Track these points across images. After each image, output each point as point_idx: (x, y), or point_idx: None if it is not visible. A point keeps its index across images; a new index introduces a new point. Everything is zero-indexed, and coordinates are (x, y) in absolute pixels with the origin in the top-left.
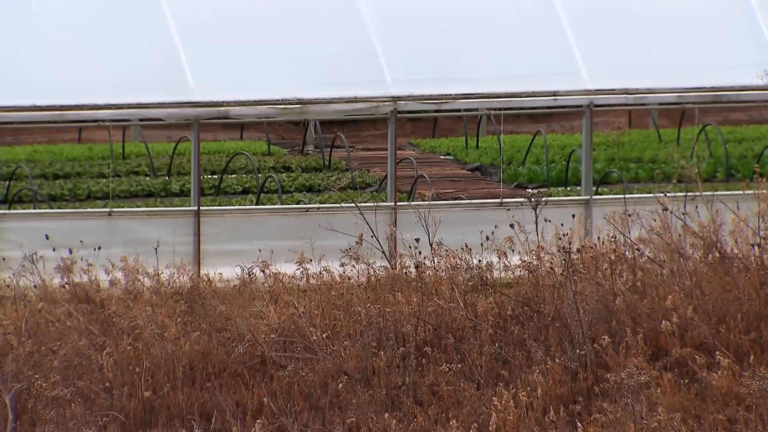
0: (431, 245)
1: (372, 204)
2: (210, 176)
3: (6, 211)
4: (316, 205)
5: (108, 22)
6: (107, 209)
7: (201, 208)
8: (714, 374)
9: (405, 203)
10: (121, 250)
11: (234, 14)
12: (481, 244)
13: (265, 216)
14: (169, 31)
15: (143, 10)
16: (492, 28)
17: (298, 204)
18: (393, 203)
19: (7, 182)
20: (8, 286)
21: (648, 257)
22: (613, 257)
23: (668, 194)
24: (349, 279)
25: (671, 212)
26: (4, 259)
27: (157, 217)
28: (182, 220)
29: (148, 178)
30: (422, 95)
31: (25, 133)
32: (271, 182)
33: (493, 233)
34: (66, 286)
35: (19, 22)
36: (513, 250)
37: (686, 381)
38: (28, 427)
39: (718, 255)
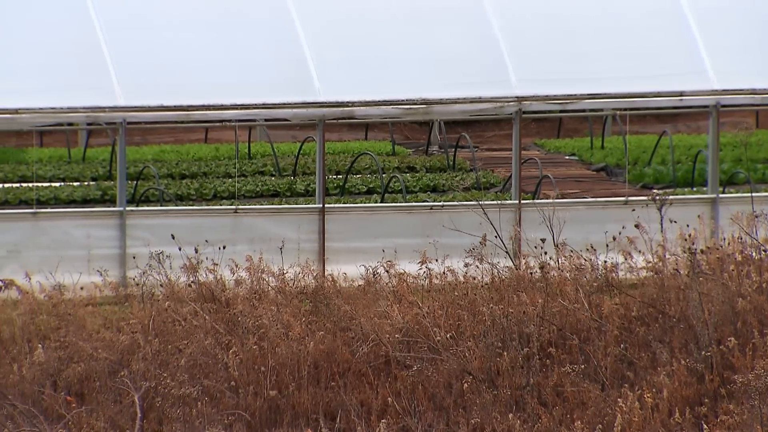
0: (555, 245)
1: (496, 202)
2: (335, 176)
3: (133, 208)
4: (440, 203)
5: (234, 23)
6: (233, 207)
7: (326, 205)
8: None
9: (529, 201)
10: (245, 247)
11: (358, 15)
12: (606, 245)
13: (389, 214)
14: (295, 32)
15: (270, 12)
16: (617, 28)
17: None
18: (517, 201)
19: (135, 182)
20: (136, 285)
21: None
22: (739, 258)
23: None
24: (473, 279)
25: None
26: (134, 257)
27: (282, 214)
28: (307, 217)
29: (273, 178)
30: (547, 95)
31: (153, 134)
32: (395, 182)
33: (620, 233)
34: (192, 285)
35: (146, 23)
36: (639, 251)
37: None
38: (155, 425)
39: None
